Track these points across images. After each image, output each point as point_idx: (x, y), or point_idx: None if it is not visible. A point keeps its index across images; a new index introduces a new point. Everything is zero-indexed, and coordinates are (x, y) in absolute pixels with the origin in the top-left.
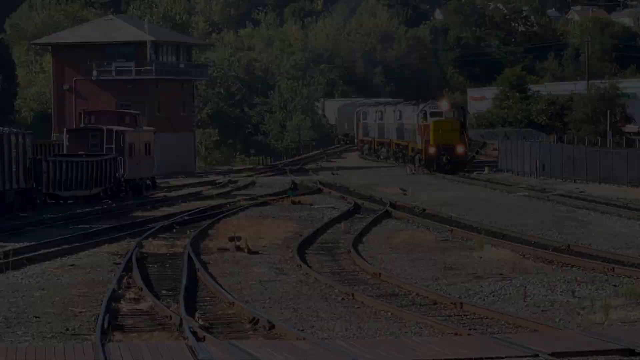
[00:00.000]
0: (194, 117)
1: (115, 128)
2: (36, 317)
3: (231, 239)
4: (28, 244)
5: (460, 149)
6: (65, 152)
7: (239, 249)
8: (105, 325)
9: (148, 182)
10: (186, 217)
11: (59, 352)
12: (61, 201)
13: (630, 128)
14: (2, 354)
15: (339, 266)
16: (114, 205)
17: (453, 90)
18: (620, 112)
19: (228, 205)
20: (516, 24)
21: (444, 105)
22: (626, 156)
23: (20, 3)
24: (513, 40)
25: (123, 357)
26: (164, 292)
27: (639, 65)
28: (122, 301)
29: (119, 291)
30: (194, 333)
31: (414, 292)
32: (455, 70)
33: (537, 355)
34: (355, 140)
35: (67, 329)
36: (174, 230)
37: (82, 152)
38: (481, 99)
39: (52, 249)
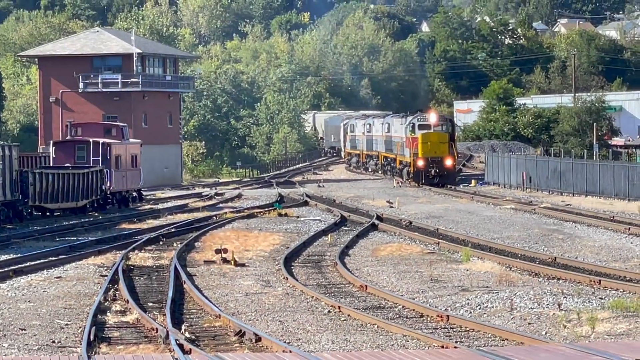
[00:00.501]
0: (180, 130)
1: (101, 140)
2: (22, 330)
3: (217, 252)
4: (14, 256)
5: (448, 162)
6: (51, 164)
7: (225, 261)
8: (92, 338)
9: (134, 194)
10: (172, 230)
11: None
12: (48, 213)
13: (616, 141)
14: None
15: (325, 279)
16: (101, 217)
17: (440, 103)
18: (607, 125)
19: (214, 218)
20: (503, 37)
21: (432, 117)
22: (612, 169)
23: (7, 15)
24: (500, 53)
25: None
26: (150, 304)
27: (626, 78)
28: (108, 313)
29: (105, 303)
30: (180, 346)
31: (400, 304)
32: (442, 83)
33: None
34: (342, 153)
35: (53, 341)
36: (161, 243)
37: (69, 165)
38: (468, 112)
39: (38, 261)
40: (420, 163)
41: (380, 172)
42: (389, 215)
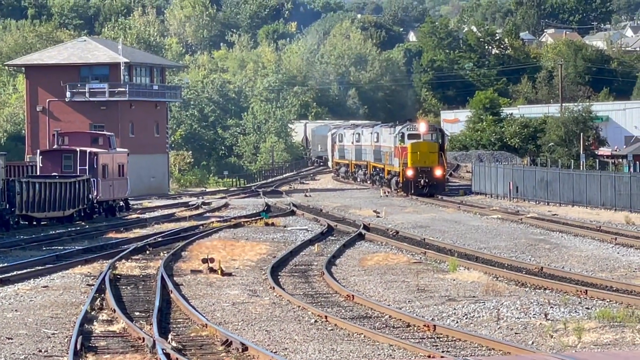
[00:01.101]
0: (167, 139)
1: (88, 149)
2: (9, 339)
3: (204, 261)
4: (1, 265)
5: (438, 172)
6: (38, 173)
7: (212, 270)
8: (78, 347)
9: (121, 203)
10: (159, 239)
11: None
12: (35, 222)
13: (603, 151)
14: None
15: (312, 288)
16: (87, 226)
17: (427, 113)
18: (594, 135)
19: (201, 227)
20: (490, 47)
21: (421, 127)
22: (599, 179)
23: None
24: (487, 63)
25: None
26: (137, 313)
27: (612, 88)
28: (95, 323)
29: (92, 313)
30: (167, 355)
31: (387, 314)
32: (429, 93)
33: None
34: (330, 162)
35: (40, 351)
36: (147, 252)
37: (56, 174)
38: (455, 122)
39: (25, 270)
40: (410, 173)
41: (369, 182)
42: (376, 225)
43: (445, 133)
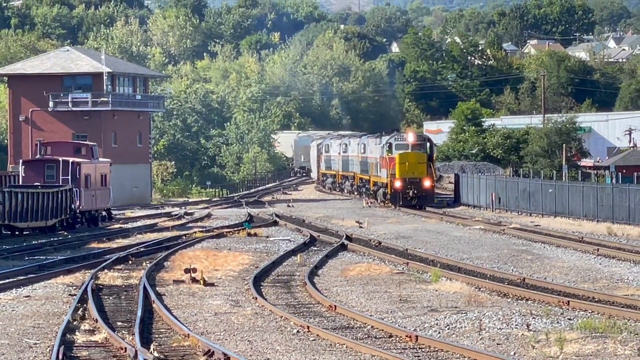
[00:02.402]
0: (150, 149)
1: (71, 159)
2: None
3: (187, 271)
4: None
5: (427, 183)
6: (21, 183)
7: (194, 280)
8: (60, 357)
9: (104, 213)
10: (142, 249)
11: None
12: (17, 232)
13: (585, 162)
14: None
15: (294, 298)
16: (70, 236)
17: (410, 123)
18: (576, 146)
19: (184, 237)
20: (473, 58)
21: (410, 137)
22: (582, 190)
23: None
24: (469, 73)
25: None
26: (119, 323)
27: (595, 99)
28: (77, 333)
29: (74, 323)
30: None
31: (369, 324)
32: (412, 104)
33: None
34: (315, 173)
35: None
36: (130, 262)
37: (38, 184)
38: (438, 132)
39: (7, 280)
40: (398, 184)
41: (356, 193)
42: (359, 236)
43: (433, 143)
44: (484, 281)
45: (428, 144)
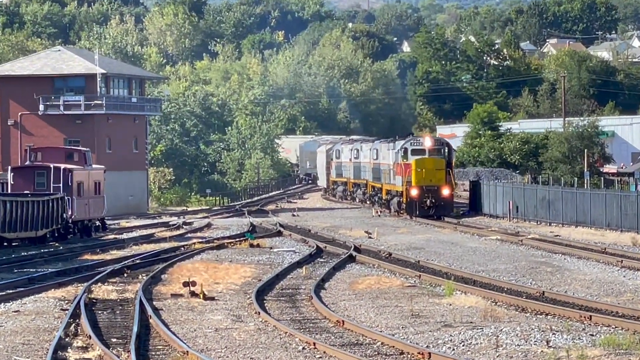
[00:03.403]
0: (146, 155)
1: (62, 166)
2: None
3: (185, 284)
4: None
5: (446, 191)
6: (9, 191)
7: (193, 294)
8: None
9: (98, 223)
10: (138, 261)
11: None
12: (5, 243)
13: (608, 168)
14: None
15: (299, 313)
16: (61, 247)
17: (422, 127)
18: (599, 151)
19: (182, 249)
20: (488, 58)
21: (426, 141)
22: (604, 198)
23: None
24: (485, 75)
25: None
26: (114, 340)
27: (618, 102)
28: (69, 350)
29: (66, 339)
30: None
31: (379, 341)
32: (424, 106)
33: None
34: (324, 181)
35: None
36: (125, 275)
37: (28, 192)
38: (451, 137)
39: None
40: (414, 192)
41: (368, 202)
42: (368, 247)
43: (452, 148)
44: (501, 295)
45: (446, 149)
